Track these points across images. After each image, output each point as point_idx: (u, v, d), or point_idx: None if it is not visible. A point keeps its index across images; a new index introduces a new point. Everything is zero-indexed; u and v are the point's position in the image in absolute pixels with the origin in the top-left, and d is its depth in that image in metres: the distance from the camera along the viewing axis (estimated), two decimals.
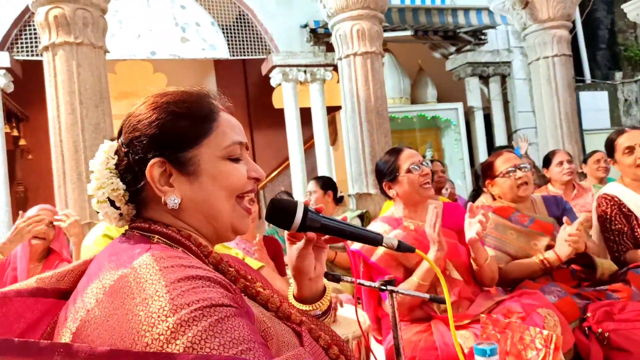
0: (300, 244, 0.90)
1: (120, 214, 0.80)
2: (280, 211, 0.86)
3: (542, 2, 5.09)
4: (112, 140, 0.83)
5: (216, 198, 0.79)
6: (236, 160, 0.81)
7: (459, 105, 7.82)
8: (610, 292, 2.07)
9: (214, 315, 0.60)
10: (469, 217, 1.91)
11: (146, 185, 0.78)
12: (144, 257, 0.67)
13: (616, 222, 2.31)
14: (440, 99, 8.16)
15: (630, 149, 2.30)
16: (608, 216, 2.34)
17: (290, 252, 0.92)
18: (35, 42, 5.44)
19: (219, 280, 0.67)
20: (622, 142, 2.34)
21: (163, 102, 0.79)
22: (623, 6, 6.37)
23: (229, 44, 6.67)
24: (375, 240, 0.90)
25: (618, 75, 9.01)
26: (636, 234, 2.30)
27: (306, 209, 0.86)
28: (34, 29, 5.22)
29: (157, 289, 0.61)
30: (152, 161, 0.76)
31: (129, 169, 0.78)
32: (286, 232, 0.90)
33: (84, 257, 0.84)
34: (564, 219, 2.11)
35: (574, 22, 6.28)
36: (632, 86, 8.91)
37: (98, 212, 0.80)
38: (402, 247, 0.92)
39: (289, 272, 3.41)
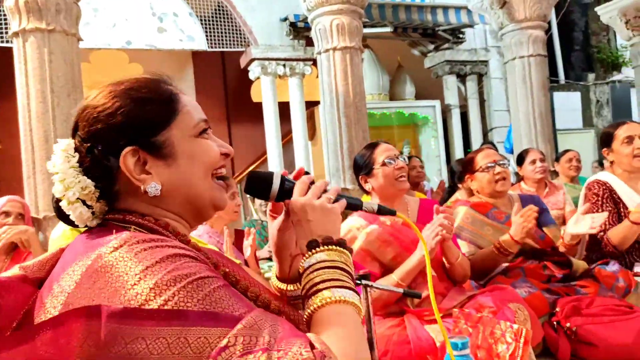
0: (280, 218, 0.91)
1: (93, 213, 0.78)
2: (258, 182, 0.87)
3: (519, 2, 5.16)
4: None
5: (195, 177, 0.79)
6: (205, 136, 0.82)
7: (437, 103, 7.90)
8: (578, 287, 2.12)
9: (207, 287, 0.64)
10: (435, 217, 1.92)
11: (118, 178, 0.76)
12: (124, 236, 0.68)
13: (607, 205, 2.39)
14: (418, 96, 8.22)
15: (630, 139, 2.38)
16: (599, 198, 2.41)
17: (272, 229, 0.91)
18: (5, 27, 5.28)
19: (202, 259, 0.70)
20: (622, 132, 2.41)
21: (123, 90, 0.77)
22: (597, 9, 6.52)
23: (207, 36, 6.59)
24: (355, 205, 0.91)
25: (591, 76, 9.23)
26: (621, 221, 2.38)
27: (283, 178, 0.87)
28: (4, 14, 5.05)
29: (147, 266, 0.63)
30: (124, 151, 0.74)
31: (96, 165, 0.75)
32: (268, 210, 0.92)
33: (51, 250, 0.82)
34: (514, 208, 2.16)
35: (549, 23, 6.40)
36: (604, 88, 9.13)
37: (69, 214, 0.77)
38: (382, 211, 0.93)
39: (263, 265, 3.39)
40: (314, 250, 0.79)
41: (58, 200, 0.77)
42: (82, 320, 0.61)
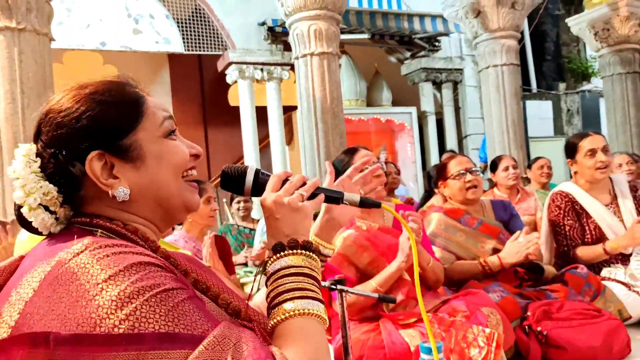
0: None
1: (57, 218, 0.75)
2: (232, 177, 0.86)
3: (493, 12, 5.27)
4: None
5: (165, 179, 0.77)
6: (173, 137, 0.79)
7: (413, 110, 7.99)
8: (549, 292, 2.16)
9: (171, 300, 0.62)
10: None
11: (84, 183, 0.73)
12: (86, 241, 0.65)
13: (568, 218, 2.45)
14: (395, 103, 8.31)
15: (593, 152, 2.44)
16: (562, 211, 2.47)
17: None
18: None
19: (168, 267, 0.68)
20: (585, 144, 2.47)
21: (88, 94, 0.74)
22: (567, 20, 6.71)
23: (184, 39, 6.53)
24: (335, 198, 0.89)
25: (562, 86, 9.48)
26: (585, 231, 2.45)
27: (257, 172, 0.86)
28: None
29: (109, 275, 0.61)
30: (90, 155, 0.72)
31: (60, 170, 0.73)
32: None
33: (17, 254, 0.79)
34: (525, 229, 2.20)
35: (522, 34, 6.55)
36: (574, 97, 9.39)
37: (31, 221, 0.74)
38: (365, 203, 0.89)
39: (239, 271, 3.36)
40: (279, 255, 0.78)
41: (20, 207, 0.75)
42: (25, 347, 0.59)
